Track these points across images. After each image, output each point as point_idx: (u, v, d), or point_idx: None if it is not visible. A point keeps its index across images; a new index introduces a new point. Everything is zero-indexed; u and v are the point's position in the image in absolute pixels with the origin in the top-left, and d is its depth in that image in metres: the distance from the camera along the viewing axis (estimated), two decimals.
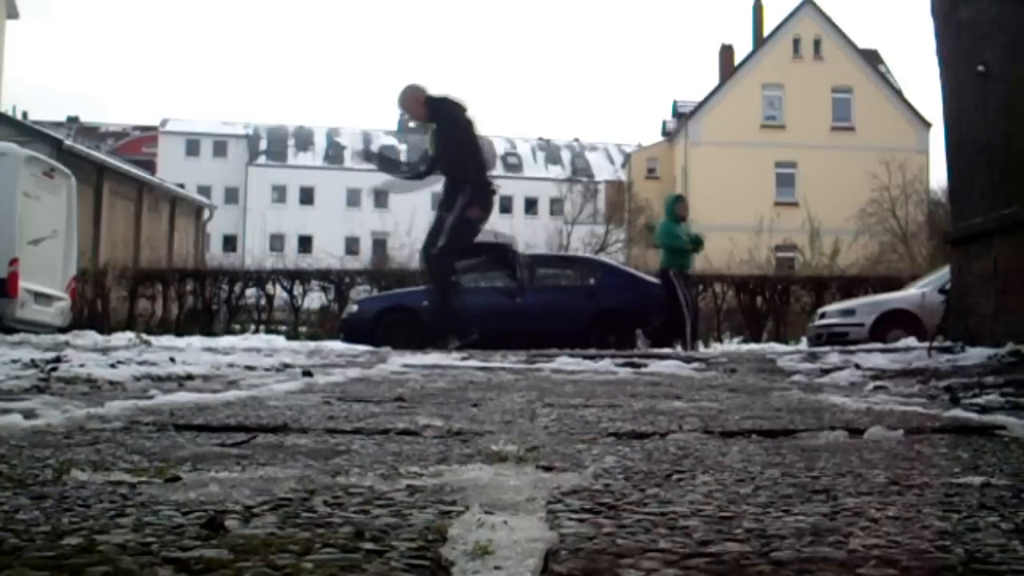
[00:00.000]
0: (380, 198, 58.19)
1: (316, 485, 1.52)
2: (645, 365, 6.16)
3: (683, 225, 12.80)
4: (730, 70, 49.46)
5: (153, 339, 10.20)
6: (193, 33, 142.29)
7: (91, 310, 19.20)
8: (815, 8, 48.39)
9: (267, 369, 5.39)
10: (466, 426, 2.50)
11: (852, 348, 9.07)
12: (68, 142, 25.35)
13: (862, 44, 49.27)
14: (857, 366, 5.84)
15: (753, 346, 15.31)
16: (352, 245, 55.44)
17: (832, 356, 7.20)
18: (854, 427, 2.46)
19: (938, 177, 38.60)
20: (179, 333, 14.94)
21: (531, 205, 62.62)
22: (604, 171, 63.66)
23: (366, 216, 60.66)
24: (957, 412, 2.99)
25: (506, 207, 58.00)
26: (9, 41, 32.83)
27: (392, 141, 67.55)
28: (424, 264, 10.30)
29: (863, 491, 1.52)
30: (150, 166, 46.84)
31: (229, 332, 17.07)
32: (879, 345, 10.12)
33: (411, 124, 10.05)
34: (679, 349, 11.28)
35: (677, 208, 12.84)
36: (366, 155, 10.81)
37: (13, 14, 29.39)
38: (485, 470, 1.70)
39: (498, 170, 70.52)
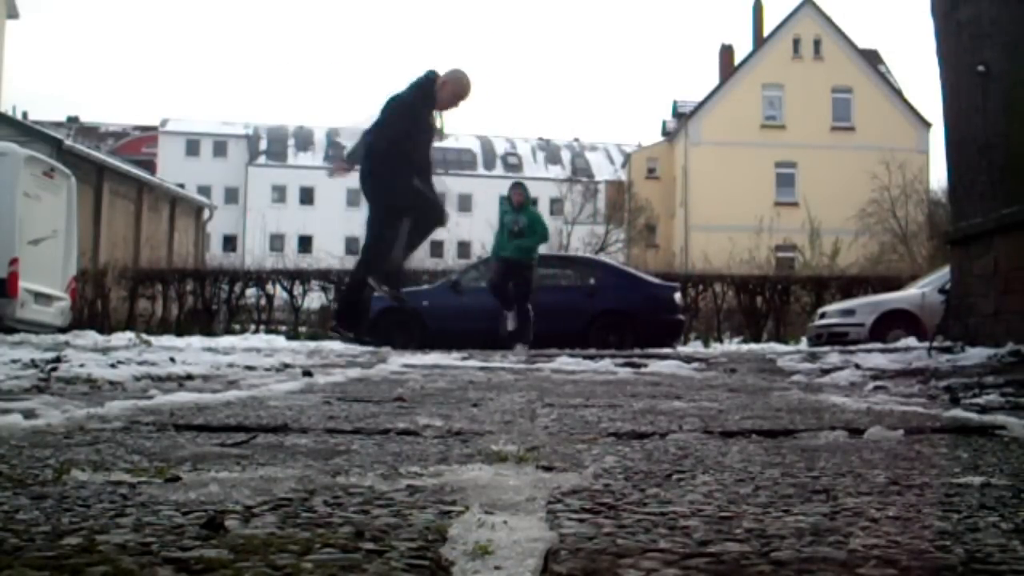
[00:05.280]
0: None
1: (316, 485, 1.52)
2: (645, 365, 6.16)
3: (517, 214, 11.68)
4: (730, 70, 49.46)
5: (153, 339, 10.20)
6: (193, 33, 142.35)
7: (91, 310, 19.21)
8: (815, 8, 48.38)
9: (267, 369, 5.39)
10: (466, 426, 2.49)
11: (852, 348, 9.08)
12: (68, 142, 25.34)
13: (862, 44, 49.27)
14: (857, 366, 5.85)
15: (753, 346, 15.31)
16: (352, 245, 55.34)
17: (832, 356, 7.21)
18: (854, 427, 2.46)
19: (938, 177, 38.65)
20: (179, 333, 14.95)
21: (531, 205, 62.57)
22: (604, 171, 63.67)
23: (366, 216, 60.60)
24: (957, 412, 2.99)
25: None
26: (9, 41, 32.85)
27: None
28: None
29: (863, 491, 1.52)
30: (150, 166, 46.82)
31: (229, 332, 17.08)
32: (879, 345, 10.13)
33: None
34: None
35: (510, 196, 11.85)
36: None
37: (13, 14, 29.39)
38: (485, 470, 1.70)
39: (498, 170, 70.50)
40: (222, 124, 65.97)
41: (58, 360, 4.84)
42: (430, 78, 7.85)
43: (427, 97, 7.91)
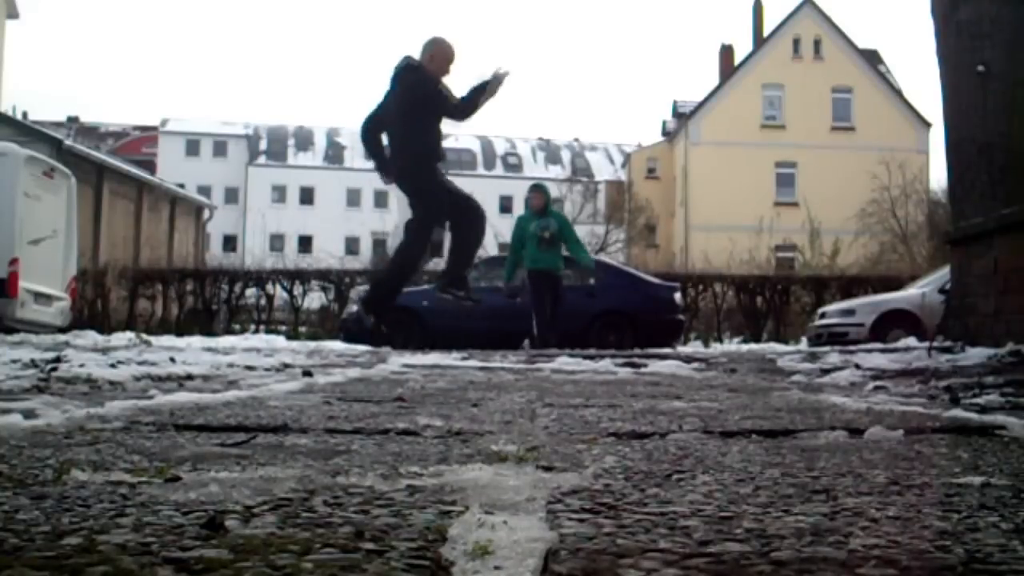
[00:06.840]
0: (380, 198, 58.19)
1: (316, 485, 1.52)
2: (645, 365, 6.16)
3: (542, 219, 11.19)
4: (730, 70, 49.47)
5: (153, 339, 10.19)
6: (193, 33, 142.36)
7: (91, 310, 19.21)
8: (815, 8, 48.40)
9: (267, 369, 5.39)
10: (466, 426, 2.49)
11: (852, 348, 9.07)
12: (68, 142, 25.35)
13: (862, 44, 49.31)
14: (857, 366, 5.84)
15: (753, 346, 15.31)
16: (352, 245, 55.47)
17: (832, 356, 7.20)
18: (854, 427, 2.45)
19: (938, 177, 38.65)
20: (179, 333, 14.93)
21: None
22: (604, 171, 63.67)
23: (366, 216, 60.72)
24: (957, 412, 2.99)
25: (506, 207, 58.08)
26: (9, 41, 32.84)
27: None
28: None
29: (863, 491, 1.52)
30: (150, 166, 46.87)
31: (229, 332, 17.07)
32: (879, 345, 10.12)
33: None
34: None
35: (529, 200, 11.41)
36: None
37: (13, 14, 29.39)
38: (485, 470, 1.70)
39: (498, 170, 70.44)
40: (222, 124, 65.99)
41: (58, 360, 4.83)
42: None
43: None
